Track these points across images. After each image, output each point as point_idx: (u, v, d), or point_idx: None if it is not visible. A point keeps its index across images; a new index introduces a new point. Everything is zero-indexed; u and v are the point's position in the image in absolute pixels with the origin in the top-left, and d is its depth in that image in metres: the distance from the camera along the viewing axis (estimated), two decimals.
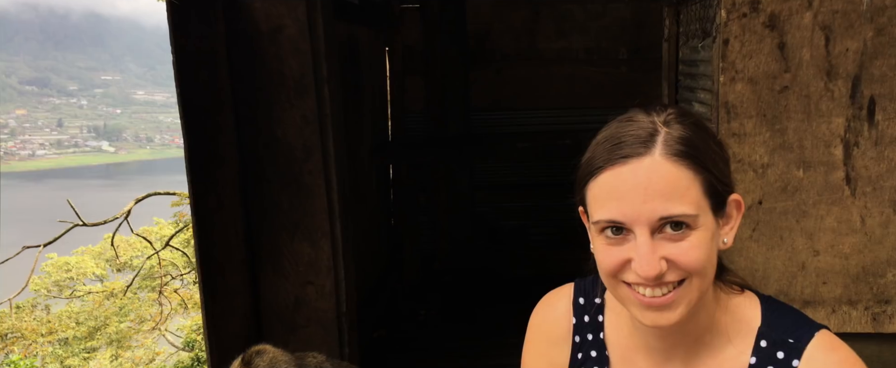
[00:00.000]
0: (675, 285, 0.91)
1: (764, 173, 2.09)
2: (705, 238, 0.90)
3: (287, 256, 2.26)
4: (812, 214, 2.08)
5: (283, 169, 2.21)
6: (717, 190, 0.91)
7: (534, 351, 1.16)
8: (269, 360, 1.64)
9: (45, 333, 12.69)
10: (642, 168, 0.88)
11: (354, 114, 3.52)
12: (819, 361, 0.94)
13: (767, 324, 0.98)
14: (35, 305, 13.34)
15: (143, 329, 13.04)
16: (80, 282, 13.89)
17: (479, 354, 3.37)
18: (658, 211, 0.87)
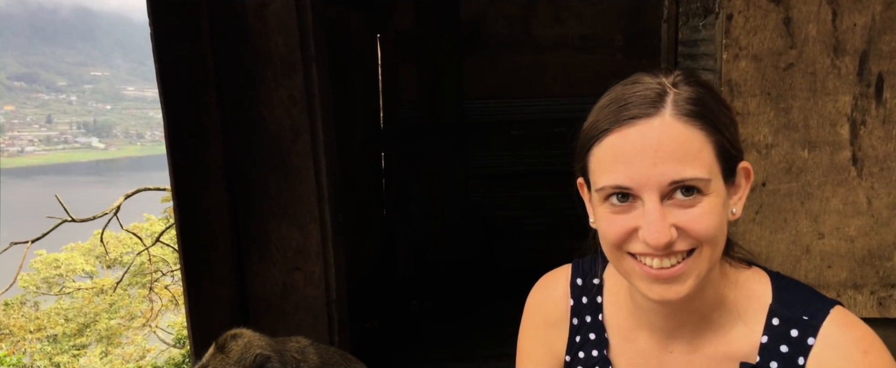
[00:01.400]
0: (684, 255, 0.85)
1: (768, 154, 2.03)
2: (717, 204, 0.84)
3: (274, 242, 2.18)
4: (817, 196, 2.03)
5: (269, 151, 2.13)
6: (730, 153, 0.86)
7: (530, 335, 1.12)
8: (244, 344, 1.58)
9: (33, 330, 12.57)
10: (652, 129, 0.82)
11: (345, 101, 3.44)
12: (836, 339, 0.89)
13: (779, 301, 0.93)
14: (24, 302, 13.21)
15: (133, 325, 12.95)
16: (69, 279, 13.78)
17: (473, 345, 3.32)
18: (669, 175, 0.82)
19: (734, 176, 0.89)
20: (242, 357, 1.58)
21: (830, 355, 0.89)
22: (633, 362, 1.02)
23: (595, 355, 1.05)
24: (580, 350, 1.06)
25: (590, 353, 1.05)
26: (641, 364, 1.01)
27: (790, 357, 0.90)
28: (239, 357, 1.58)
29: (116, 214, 10.36)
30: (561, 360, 1.09)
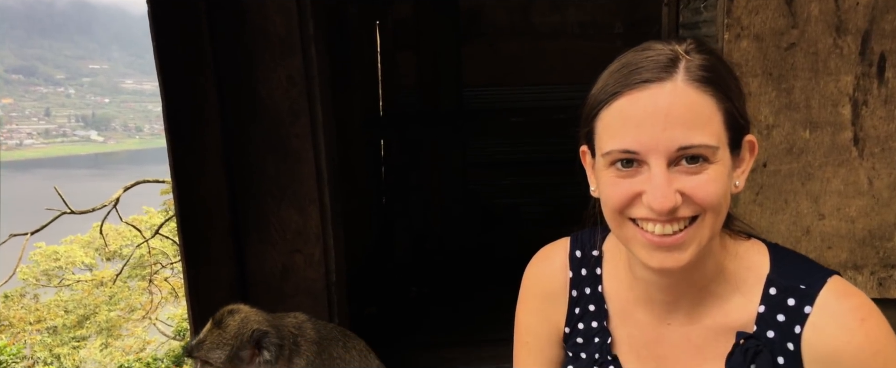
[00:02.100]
0: (686, 223, 0.85)
1: (769, 134, 2.03)
2: (722, 173, 0.84)
3: (274, 224, 2.17)
4: (818, 176, 2.02)
5: (268, 132, 2.11)
6: (739, 123, 0.86)
7: (528, 308, 1.11)
8: (241, 319, 1.58)
9: (33, 321, 12.60)
10: (664, 93, 0.82)
11: (343, 88, 3.42)
12: (833, 307, 0.89)
13: (777, 271, 0.93)
14: (23, 294, 13.23)
15: (132, 318, 12.98)
16: (68, 271, 13.80)
17: (472, 330, 3.33)
18: (678, 140, 0.81)
19: (740, 148, 0.88)
20: (240, 331, 1.59)
21: (827, 323, 0.88)
22: (631, 333, 1.02)
23: (594, 326, 1.04)
24: (579, 322, 1.06)
25: (589, 324, 1.05)
26: (640, 335, 1.01)
27: (787, 326, 0.90)
28: (236, 332, 1.58)
29: (115, 206, 10.36)
30: (560, 332, 1.09)
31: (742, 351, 0.92)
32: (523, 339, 1.13)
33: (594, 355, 1.03)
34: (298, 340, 1.65)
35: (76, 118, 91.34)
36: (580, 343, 1.06)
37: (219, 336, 1.58)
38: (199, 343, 1.59)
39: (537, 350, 1.11)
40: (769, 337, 0.91)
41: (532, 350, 1.11)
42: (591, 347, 1.04)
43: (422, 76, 4.71)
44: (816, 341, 0.89)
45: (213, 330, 1.59)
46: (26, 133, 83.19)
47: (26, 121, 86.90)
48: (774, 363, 0.91)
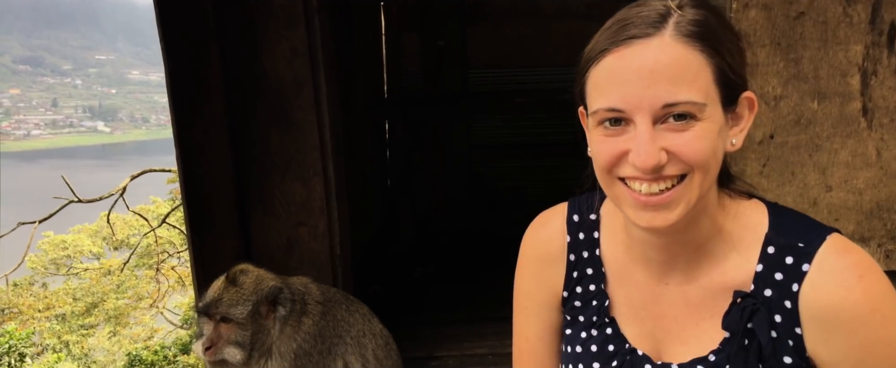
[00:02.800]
0: (675, 182, 0.84)
1: (776, 105, 2.01)
2: (711, 130, 0.83)
3: (278, 196, 2.17)
4: (826, 148, 2.00)
5: (272, 104, 2.11)
6: (730, 80, 0.84)
7: (527, 273, 1.11)
8: (255, 277, 1.58)
9: (42, 309, 12.70)
10: (649, 49, 0.81)
11: (347, 69, 3.40)
12: (830, 264, 0.88)
13: (775, 230, 0.92)
14: (32, 282, 13.35)
15: (140, 306, 13.07)
16: (76, 260, 13.89)
17: (475, 308, 3.34)
18: (662, 97, 0.80)
19: (735, 104, 0.87)
20: (257, 288, 1.60)
21: (825, 280, 0.87)
22: (629, 295, 1.02)
23: (592, 289, 1.04)
24: (577, 286, 1.06)
25: (587, 288, 1.05)
26: (638, 297, 1.01)
27: (784, 284, 0.90)
28: (254, 289, 1.59)
29: (122, 195, 10.41)
30: (558, 296, 1.09)
31: (739, 310, 0.91)
32: (522, 304, 1.13)
33: (592, 317, 1.04)
34: (306, 299, 1.67)
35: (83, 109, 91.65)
36: (578, 306, 1.06)
37: (237, 293, 1.58)
38: (217, 300, 1.59)
39: (536, 314, 1.11)
40: (766, 296, 0.91)
41: (531, 315, 1.12)
42: (590, 310, 1.04)
43: (426, 58, 4.69)
44: (814, 298, 0.88)
45: (228, 288, 1.59)
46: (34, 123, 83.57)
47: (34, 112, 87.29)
48: (772, 321, 0.90)
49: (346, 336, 1.68)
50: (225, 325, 1.60)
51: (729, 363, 0.92)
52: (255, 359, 1.58)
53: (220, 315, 1.60)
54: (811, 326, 0.89)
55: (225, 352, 1.58)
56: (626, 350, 1.01)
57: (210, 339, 1.59)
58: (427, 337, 3.01)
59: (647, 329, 1.00)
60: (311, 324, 1.62)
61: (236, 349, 1.57)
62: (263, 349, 1.58)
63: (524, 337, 1.14)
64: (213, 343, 1.58)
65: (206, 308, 1.61)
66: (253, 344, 1.57)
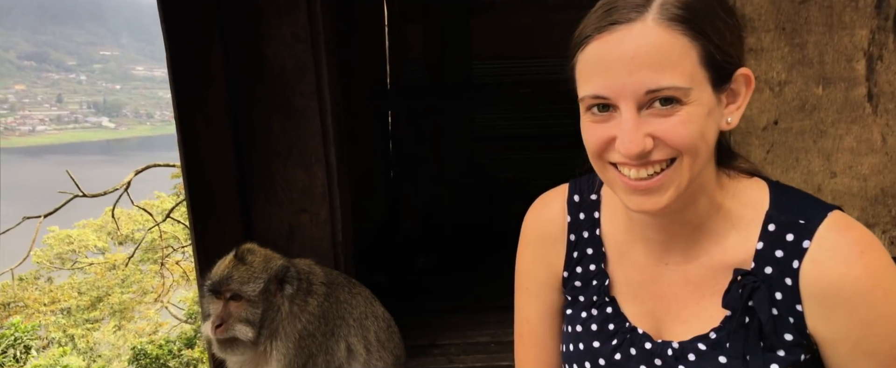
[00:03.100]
0: (664, 166, 0.84)
1: (781, 91, 1.99)
2: (698, 114, 0.82)
3: (280, 183, 2.17)
4: (830, 134, 1.99)
5: (273, 90, 2.10)
6: (719, 61, 0.83)
7: (528, 254, 1.11)
8: (264, 256, 1.59)
9: (47, 302, 12.75)
10: (631, 35, 0.80)
11: (350, 59, 3.39)
12: (831, 241, 0.87)
13: (776, 207, 0.92)
14: (37, 277, 13.41)
15: (145, 300, 13.12)
16: (82, 255, 13.95)
17: (477, 298, 3.34)
18: (645, 84, 0.80)
19: (728, 82, 0.86)
20: (267, 266, 1.60)
21: (826, 257, 0.87)
22: (629, 274, 1.01)
23: (592, 269, 1.04)
24: (578, 266, 1.06)
25: (587, 268, 1.05)
26: (637, 276, 1.01)
27: (785, 262, 0.89)
28: (264, 267, 1.59)
29: (127, 190, 10.45)
30: (559, 277, 1.08)
31: (739, 288, 0.91)
32: (523, 285, 1.13)
33: (592, 297, 1.04)
34: (311, 279, 1.67)
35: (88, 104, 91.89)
36: (578, 286, 1.06)
37: (247, 271, 1.58)
38: (227, 277, 1.58)
39: (537, 296, 1.11)
40: (767, 273, 0.90)
41: (531, 297, 1.12)
42: (590, 290, 1.04)
43: (429, 49, 4.67)
44: (814, 274, 0.87)
45: (238, 265, 1.58)
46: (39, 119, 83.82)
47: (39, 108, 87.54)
48: (772, 298, 0.90)
49: (349, 318, 1.67)
50: (235, 303, 1.58)
51: (729, 340, 0.92)
52: (263, 339, 1.57)
53: (230, 293, 1.58)
54: (812, 303, 0.88)
55: (236, 330, 1.56)
56: (626, 328, 1.00)
57: (220, 317, 1.57)
58: (430, 326, 3.02)
59: (648, 308, 1.00)
60: (316, 305, 1.61)
61: (247, 326, 1.56)
62: (271, 327, 1.57)
63: (525, 319, 1.14)
64: (224, 321, 1.56)
65: (217, 284, 1.59)
66: (262, 322, 1.56)
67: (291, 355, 1.57)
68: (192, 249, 2.08)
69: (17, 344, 8.57)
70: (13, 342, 8.53)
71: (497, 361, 2.65)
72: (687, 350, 0.95)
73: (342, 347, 1.64)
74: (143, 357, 10.40)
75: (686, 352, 0.95)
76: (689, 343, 0.95)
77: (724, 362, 0.92)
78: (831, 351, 0.90)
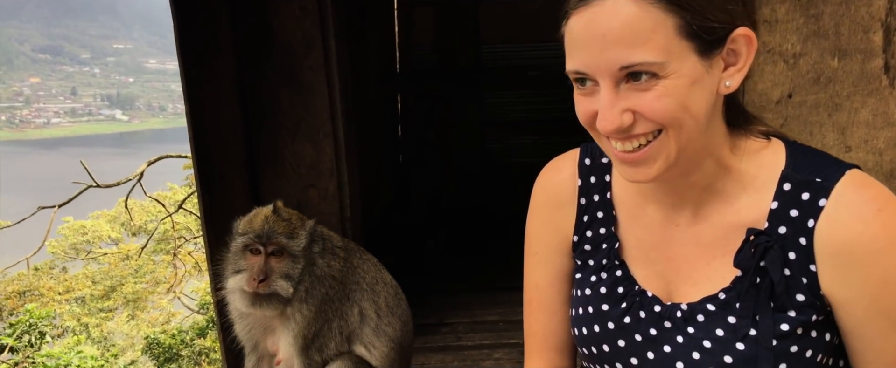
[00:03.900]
0: (650, 138, 0.84)
1: (795, 63, 1.96)
2: (677, 87, 0.81)
3: (288, 158, 2.17)
4: (845, 107, 1.96)
5: (281, 64, 2.10)
6: (703, 28, 0.80)
7: (538, 218, 1.11)
8: (296, 213, 1.58)
9: (62, 291, 12.91)
10: (603, 12, 0.79)
11: (360, 41, 3.38)
12: (848, 199, 0.85)
13: (793, 166, 0.90)
14: (52, 266, 13.57)
15: (158, 290, 13.24)
16: (96, 245, 14.10)
17: (487, 278, 3.34)
18: (617, 60, 0.79)
19: (721, 46, 0.83)
20: (303, 223, 1.58)
21: (841, 215, 0.85)
22: (640, 237, 1.00)
23: (602, 233, 1.03)
24: (588, 230, 1.05)
25: (597, 231, 1.04)
26: (648, 238, 1.00)
27: (800, 221, 0.87)
28: (301, 223, 1.57)
29: (140, 181, 10.54)
30: (568, 241, 1.07)
31: (751, 247, 0.89)
32: (533, 250, 1.12)
33: (602, 261, 1.03)
34: (332, 241, 1.65)
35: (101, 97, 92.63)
36: (588, 250, 1.05)
37: (288, 226, 1.54)
38: (272, 231, 1.52)
39: (546, 260, 1.10)
40: (781, 233, 0.88)
41: (541, 261, 1.11)
42: (600, 253, 1.03)
43: (439, 33, 4.65)
44: (830, 232, 0.86)
45: (278, 220, 1.55)
46: (53, 111, 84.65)
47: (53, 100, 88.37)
48: (785, 259, 0.88)
49: (363, 283, 1.66)
50: (276, 258, 1.54)
51: (739, 300, 0.91)
52: (296, 297, 1.52)
53: (274, 247, 1.54)
54: (826, 262, 0.87)
55: (277, 285, 1.52)
56: (636, 291, 0.99)
57: (263, 271, 1.51)
58: (438, 305, 3.02)
59: (658, 270, 0.99)
60: (338, 268, 1.60)
61: (288, 282, 1.51)
62: (302, 287, 1.54)
63: (534, 285, 1.13)
64: (267, 276, 1.52)
65: (262, 237, 1.52)
66: (300, 279, 1.53)
67: (310, 318, 1.54)
68: (200, 222, 2.09)
69: (31, 330, 8.68)
70: (28, 327, 8.64)
71: (505, 339, 2.64)
72: (696, 311, 0.94)
73: (355, 312, 1.62)
74: (156, 346, 10.51)
75: (695, 313, 0.94)
76: (697, 304, 0.94)
77: (733, 322, 0.90)
78: (845, 312, 0.88)
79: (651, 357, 0.96)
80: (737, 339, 0.89)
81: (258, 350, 1.65)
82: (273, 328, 1.62)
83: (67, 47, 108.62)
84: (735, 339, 0.89)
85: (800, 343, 0.88)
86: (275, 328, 1.61)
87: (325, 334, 1.58)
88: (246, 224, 1.56)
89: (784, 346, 0.88)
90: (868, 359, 0.90)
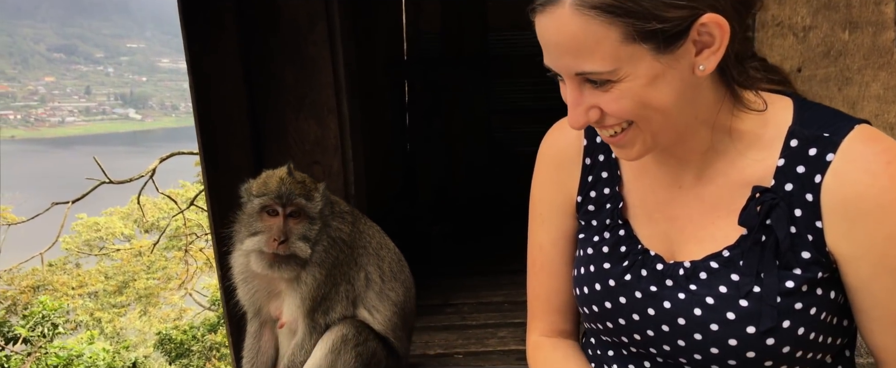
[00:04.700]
0: (624, 126, 0.86)
1: (805, 37, 1.94)
2: (632, 88, 0.82)
3: (292, 134, 2.17)
4: (856, 81, 1.93)
5: (285, 39, 2.10)
6: (652, 31, 0.79)
7: (543, 178, 1.11)
8: (307, 175, 1.57)
9: (75, 286, 13.04)
10: (552, 21, 0.81)
11: (366, 29, 3.37)
12: (857, 152, 0.84)
13: (800, 122, 0.89)
14: (66, 262, 13.72)
15: (169, 286, 13.35)
16: (109, 242, 14.24)
17: (493, 262, 3.34)
18: (571, 68, 0.82)
19: (683, 39, 0.80)
20: (316, 185, 1.59)
21: (849, 169, 0.84)
22: (644, 197, 1.00)
23: (607, 193, 1.03)
24: (592, 190, 1.04)
25: (602, 191, 1.03)
26: (652, 198, 0.99)
27: (806, 177, 0.86)
28: (314, 186, 1.58)
29: (152, 177, 10.63)
30: (572, 202, 1.07)
31: (756, 205, 0.88)
32: (537, 211, 1.12)
33: (606, 220, 1.02)
34: (340, 205, 1.65)
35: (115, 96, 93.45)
36: (592, 210, 1.04)
37: (304, 188, 1.54)
38: (290, 192, 1.52)
39: (550, 221, 1.10)
40: (787, 190, 0.87)
41: (545, 222, 1.11)
42: (603, 213, 1.03)
43: (446, 20, 4.64)
44: (837, 187, 0.84)
45: (293, 183, 1.54)
46: (68, 110, 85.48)
47: (68, 99, 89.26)
48: (791, 216, 0.87)
49: (369, 247, 1.66)
50: (294, 220, 1.54)
51: (743, 258, 0.90)
52: (312, 260, 1.51)
53: (291, 209, 1.53)
54: (833, 218, 0.85)
55: (296, 246, 1.52)
56: (638, 250, 0.99)
57: (283, 232, 1.51)
58: (444, 287, 3.02)
59: (662, 230, 0.98)
60: (347, 232, 1.60)
61: (306, 244, 1.52)
62: (319, 248, 1.53)
63: (538, 246, 1.13)
64: (287, 237, 1.52)
65: (281, 198, 1.52)
66: (317, 240, 1.53)
67: (321, 280, 1.54)
68: (205, 199, 2.09)
69: (44, 322, 8.78)
70: (41, 318, 8.74)
71: (510, 318, 2.64)
72: (699, 269, 0.93)
73: (361, 277, 1.62)
74: (168, 341, 10.59)
75: (698, 271, 0.93)
76: (700, 262, 0.93)
77: (736, 279, 0.89)
78: (852, 269, 0.86)
79: (652, 314, 0.95)
80: (740, 296, 0.88)
81: (261, 314, 1.65)
82: (277, 292, 1.62)
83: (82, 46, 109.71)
84: (738, 296, 0.88)
85: (804, 301, 0.87)
86: (280, 292, 1.61)
87: (332, 297, 1.58)
88: (261, 185, 1.56)
89: (788, 303, 0.86)
90: (874, 316, 0.88)
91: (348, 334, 1.52)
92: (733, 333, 0.88)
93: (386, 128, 3.93)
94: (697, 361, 0.92)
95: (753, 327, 0.87)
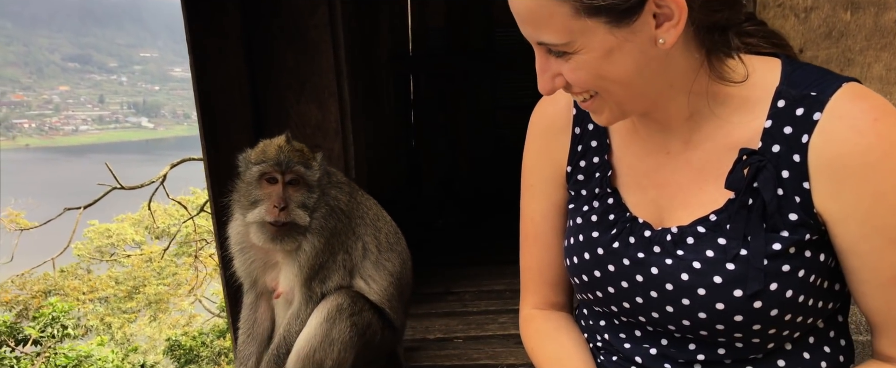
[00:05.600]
0: (591, 93, 0.87)
1: (806, 18, 1.92)
2: (588, 60, 0.83)
3: (293, 117, 2.18)
4: (858, 62, 1.92)
5: (286, 22, 2.11)
6: (602, 6, 0.78)
7: (533, 149, 1.11)
8: (301, 144, 1.58)
9: (86, 291, 13.12)
10: None
11: (371, 21, 3.39)
12: (844, 110, 0.83)
13: (788, 82, 0.88)
14: (78, 268, 13.82)
15: (179, 292, 13.41)
16: (120, 248, 14.33)
17: (495, 252, 3.32)
18: (533, 36, 0.85)
19: (638, 12, 0.79)
20: (314, 153, 1.59)
21: (836, 126, 0.83)
22: (632, 164, 1.00)
23: (596, 162, 1.03)
24: (581, 159, 1.04)
25: (591, 160, 1.03)
26: (640, 166, 0.99)
27: (794, 137, 0.85)
28: (311, 155, 1.58)
29: (163, 183, 10.72)
30: (562, 172, 1.07)
31: (743, 168, 0.87)
32: (528, 182, 1.12)
33: (595, 189, 1.02)
34: (339, 176, 1.65)
35: (128, 105, 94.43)
36: (581, 180, 1.04)
37: (303, 156, 1.55)
38: (290, 160, 1.51)
39: (541, 192, 1.10)
40: (774, 152, 0.86)
41: (536, 194, 1.11)
42: (592, 182, 1.03)
43: (451, 15, 4.65)
44: (824, 146, 0.83)
45: (292, 150, 1.55)
46: (82, 119, 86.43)
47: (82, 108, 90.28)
48: (778, 178, 0.86)
49: (366, 218, 1.66)
50: (293, 188, 1.54)
51: (730, 222, 0.89)
52: (311, 228, 1.51)
53: (291, 177, 1.53)
54: (820, 178, 0.84)
55: (295, 214, 1.52)
56: (627, 218, 0.98)
57: (282, 199, 1.51)
58: (446, 276, 3.02)
59: (650, 197, 0.98)
60: (346, 202, 1.60)
61: (305, 212, 1.51)
62: (318, 216, 1.53)
63: (530, 218, 1.13)
64: (287, 204, 1.51)
65: (281, 165, 1.52)
66: (315, 208, 1.53)
67: (320, 249, 1.54)
68: (205, 184, 2.10)
69: (54, 323, 8.85)
70: (50, 320, 8.81)
71: (511, 305, 2.63)
72: (686, 234, 0.92)
73: (359, 247, 1.62)
74: (177, 347, 10.62)
75: (685, 236, 0.92)
76: (688, 227, 0.93)
77: (723, 243, 0.89)
78: (840, 229, 0.85)
79: (640, 280, 0.94)
80: (727, 259, 0.87)
81: (257, 286, 1.65)
82: (274, 262, 1.62)
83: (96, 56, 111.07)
84: (725, 259, 0.87)
85: (792, 263, 0.86)
86: (276, 262, 1.61)
87: (330, 266, 1.58)
88: (259, 153, 1.56)
89: (775, 266, 0.86)
90: (863, 278, 0.87)
91: (343, 303, 1.52)
92: (720, 297, 0.87)
93: (389, 119, 3.94)
94: (686, 327, 0.91)
95: (740, 290, 0.86)
